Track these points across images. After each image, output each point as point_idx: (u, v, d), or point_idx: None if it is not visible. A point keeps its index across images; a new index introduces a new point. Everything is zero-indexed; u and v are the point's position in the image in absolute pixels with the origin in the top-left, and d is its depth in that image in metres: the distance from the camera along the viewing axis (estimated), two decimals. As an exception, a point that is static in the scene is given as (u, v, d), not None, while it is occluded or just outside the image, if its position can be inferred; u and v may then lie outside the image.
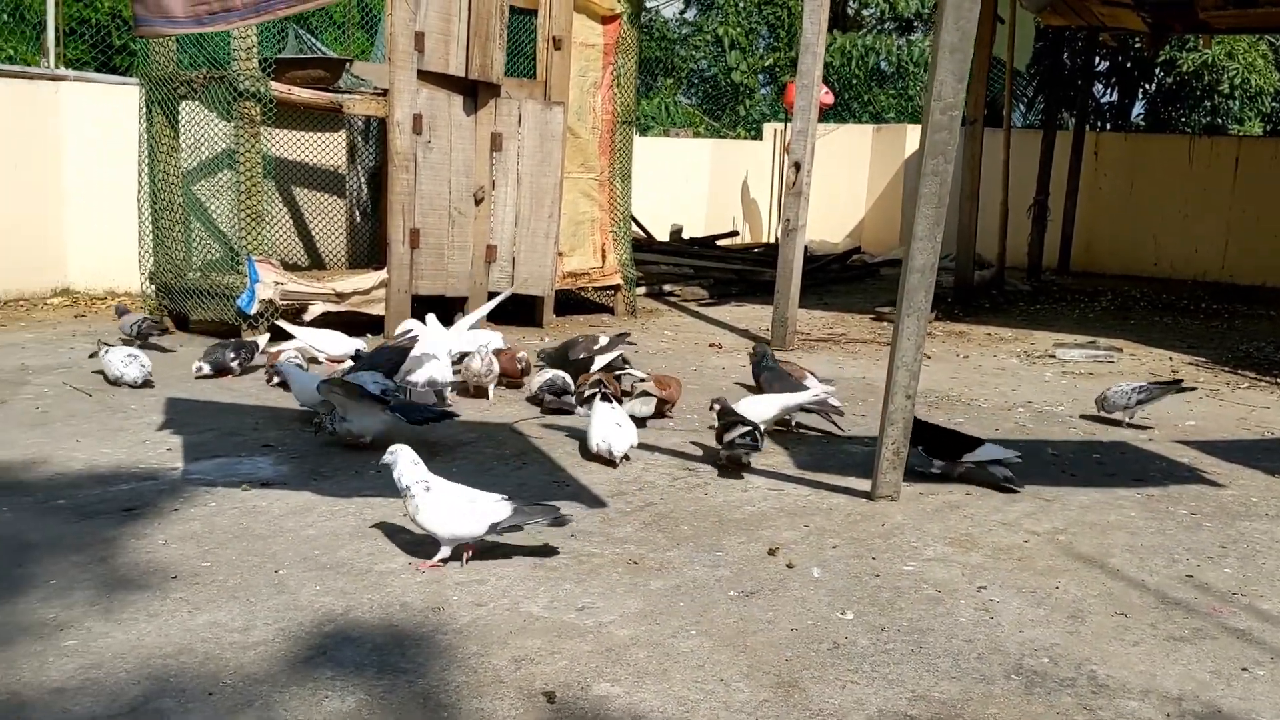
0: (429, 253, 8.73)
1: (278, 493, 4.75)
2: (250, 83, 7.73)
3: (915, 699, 3.18)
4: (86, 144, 9.53)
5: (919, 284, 4.51)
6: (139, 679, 3.08)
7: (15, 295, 9.30)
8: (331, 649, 3.34)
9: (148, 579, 3.77)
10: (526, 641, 3.43)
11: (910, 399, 4.74)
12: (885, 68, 24.45)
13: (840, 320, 10.57)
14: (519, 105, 8.97)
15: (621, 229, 10.22)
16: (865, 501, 4.96)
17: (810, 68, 8.47)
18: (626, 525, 4.52)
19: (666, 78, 23.61)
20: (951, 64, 4.29)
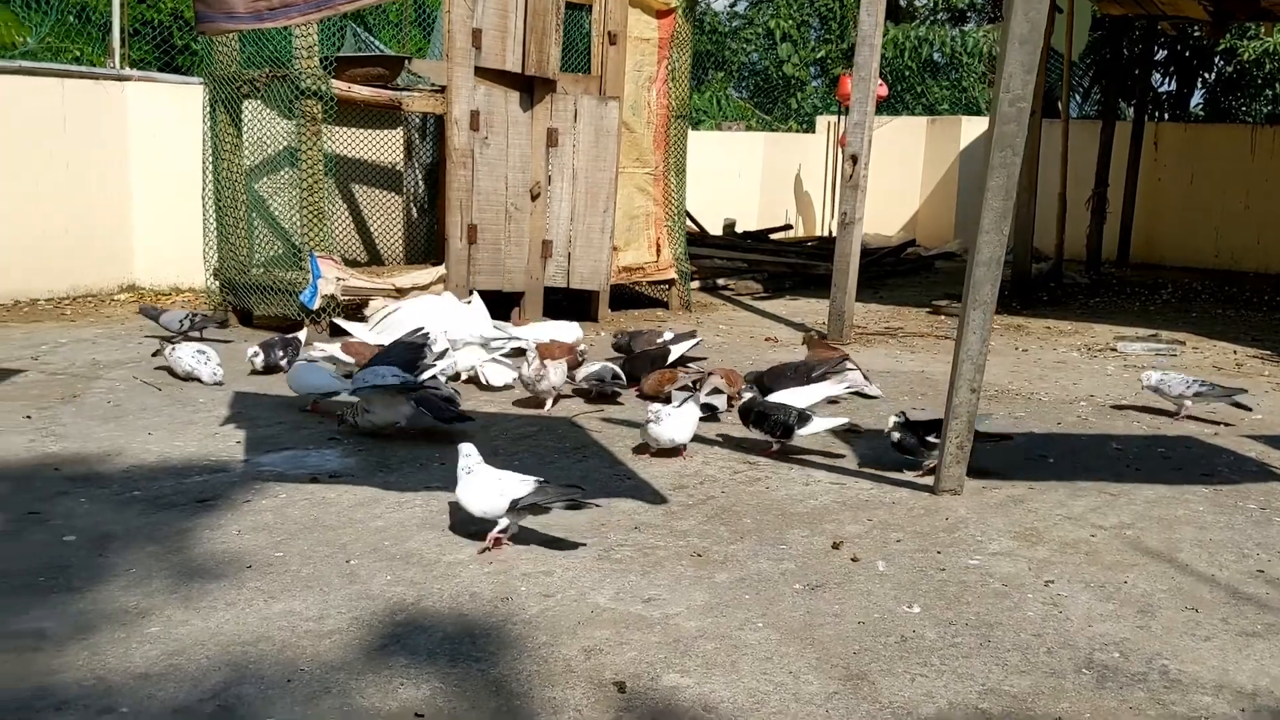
0: (486, 248, 8.80)
1: (345, 485, 4.83)
2: (312, 81, 7.83)
3: (986, 692, 3.17)
4: (151, 142, 9.71)
5: (985, 277, 4.49)
6: (219, 666, 3.16)
7: (84, 291, 9.50)
8: (404, 638, 3.39)
9: (223, 568, 3.85)
10: (595, 632, 3.47)
11: (975, 393, 4.72)
12: (938, 59, 24.23)
13: (896, 314, 10.51)
14: (574, 101, 9.01)
15: (676, 223, 10.23)
16: (928, 495, 4.94)
17: (867, 60, 8.42)
18: (689, 518, 4.55)
19: (718, 71, 23.56)
20: (1021, 55, 4.25)
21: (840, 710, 3.03)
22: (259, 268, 8.62)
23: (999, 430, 5.51)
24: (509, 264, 8.97)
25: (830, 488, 5.03)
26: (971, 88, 23.84)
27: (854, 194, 8.59)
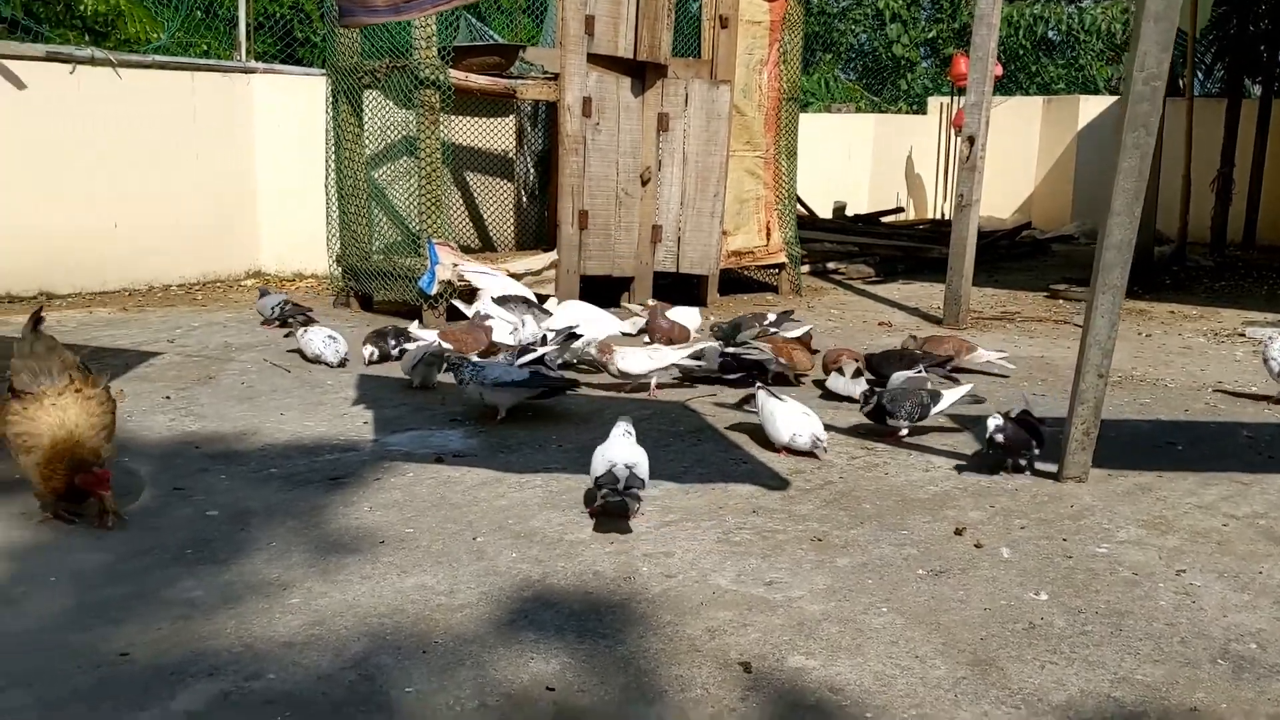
0: (596, 234, 8.88)
1: (468, 465, 4.94)
2: (430, 71, 7.99)
3: (1118, 681, 3.12)
4: (274, 133, 10.03)
5: (1115, 260, 4.39)
6: (358, 636, 3.28)
7: (212, 277, 9.87)
8: (532, 613, 3.48)
9: (358, 543, 3.99)
10: (718, 613, 3.50)
11: (1103, 378, 4.62)
12: (1054, 37, 23.60)
13: (1013, 298, 10.31)
14: (685, 85, 9.03)
15: (787, 207, 10.19)
16: (1051, 482, 4.86)
17: (985, 39, 8.27)
18: (807, 503, 4.55)
19: (825, 53, 23.31)
20: (1156, 33, 4.14)
21: (969, 695, 3.02)
22: (379, 254, 8.84)
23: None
24: (619, 249, 9.04)
25: (950, 474, 4.98)
26: (1089, 66, 23.18)
27: (971, 175, 8.45)
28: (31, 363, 4.13)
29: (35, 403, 4.04)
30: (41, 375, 4.12)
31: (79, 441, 4.01)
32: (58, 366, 4.15)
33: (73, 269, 8.99)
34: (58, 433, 3.98)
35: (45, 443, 3.97)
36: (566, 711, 2.90)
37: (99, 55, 9.02)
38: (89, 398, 4.15)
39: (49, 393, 4.08)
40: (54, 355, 4.18)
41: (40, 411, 4.02)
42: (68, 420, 4.03)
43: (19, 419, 4.02)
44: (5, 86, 8.44)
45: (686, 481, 4.77)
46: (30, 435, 3.98)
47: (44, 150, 8.69)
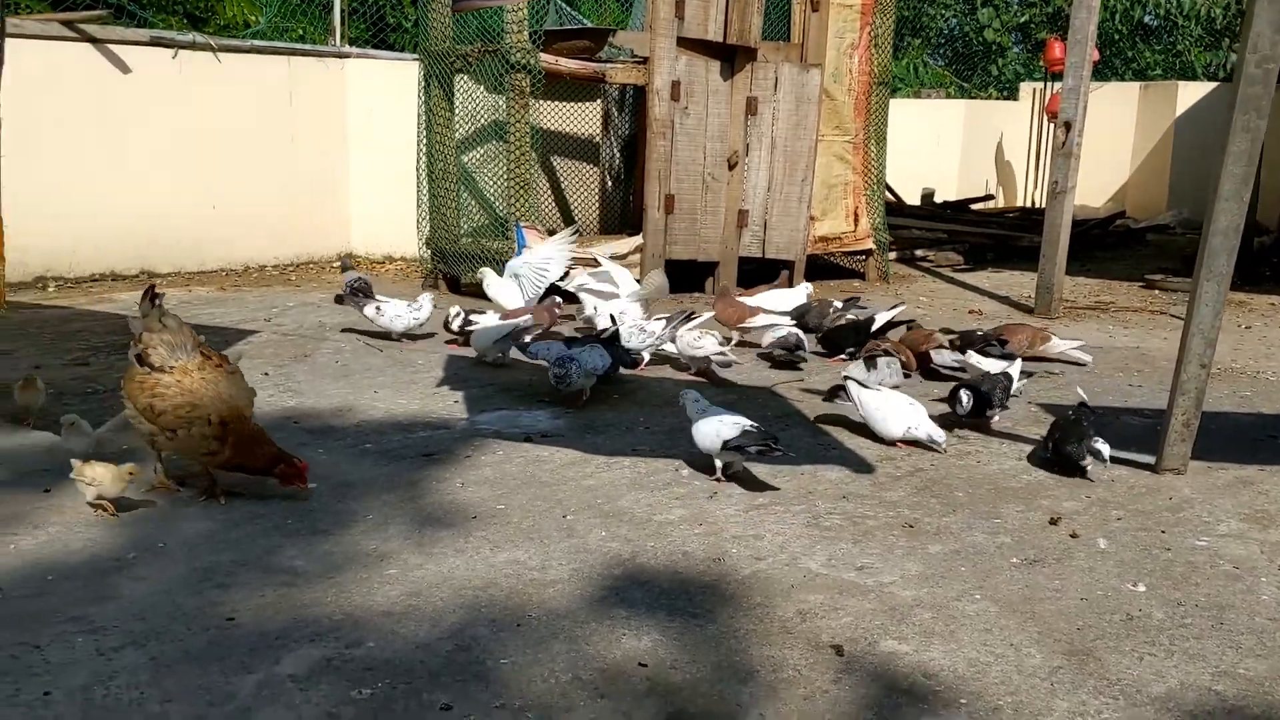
0: (682, 218, 8.88)
1: (556, 445, 5.00)
2: (521, 55, 8.05)
3: (1219, 675, 3.06)
4: (366, 117, 10.20)
5: (1221, 246, 4.27)
6: (455, 608, 3.35)
7: (306, 259, 10.08)
8: (622, 590, 3.51)
9: (451, 518, 4.06)
10: (808, 596, 3.50)
11: (1205, 368, 4.52)
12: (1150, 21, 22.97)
13: (1106, 288, 10.09)
14: (775, 69, 8.97)
15: (875, 193, 10.09)
16: (1148, 474, 4.77)
17: (1084, 23, 8.09)
18: (897, 489, 4.52)
19: (914, 38, 22.96)
20: (1270, 13, 4.01)
21: (1066, 684, 2.98)
22: (467, 237, 8.95)
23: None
24: (704, 234, 9.03)
25: (1044, 463, 4.90)
26: (1187, 52, 22.52)
27: (1066, 162, 8.28)
28: (167, 336, 4.14)
29: (186, 376, 4.07)
30: (178, 350, 4.14)
31: (241, 414, 4.08)
32: (191, 342, 4.19)
33: (172, 249, 9.25)
34: (220, 406, 4.04)
35: (210, 414, 4.01)
36: (659, 687, 2.93)
37: (200, 40, 9.26)
38: (232, 372, 4.22)
39: (190, 367, 4.10)
40: (184, 330, 4.20)
41: (197, 384, 4.06)
42: (222, 392, 4.08)
43: (173, 391, 4.04)
44: (111, 71, 8.70)
45: (774, 465, 4.76)
46: (193, 407, 4.01)
47: (147, 133, 8.95)
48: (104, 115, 8.70)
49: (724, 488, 4.46)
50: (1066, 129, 8.21)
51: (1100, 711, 2.86)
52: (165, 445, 4.17)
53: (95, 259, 8.85)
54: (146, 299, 4.29)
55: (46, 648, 3.04)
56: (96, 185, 8.73)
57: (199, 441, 4.05)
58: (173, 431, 4.06)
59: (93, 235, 8.78)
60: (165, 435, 4.08)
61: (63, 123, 8.49)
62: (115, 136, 8.79)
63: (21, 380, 5.01)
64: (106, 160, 8.76)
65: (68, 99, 8.49)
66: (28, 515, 3.96)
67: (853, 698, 2.91)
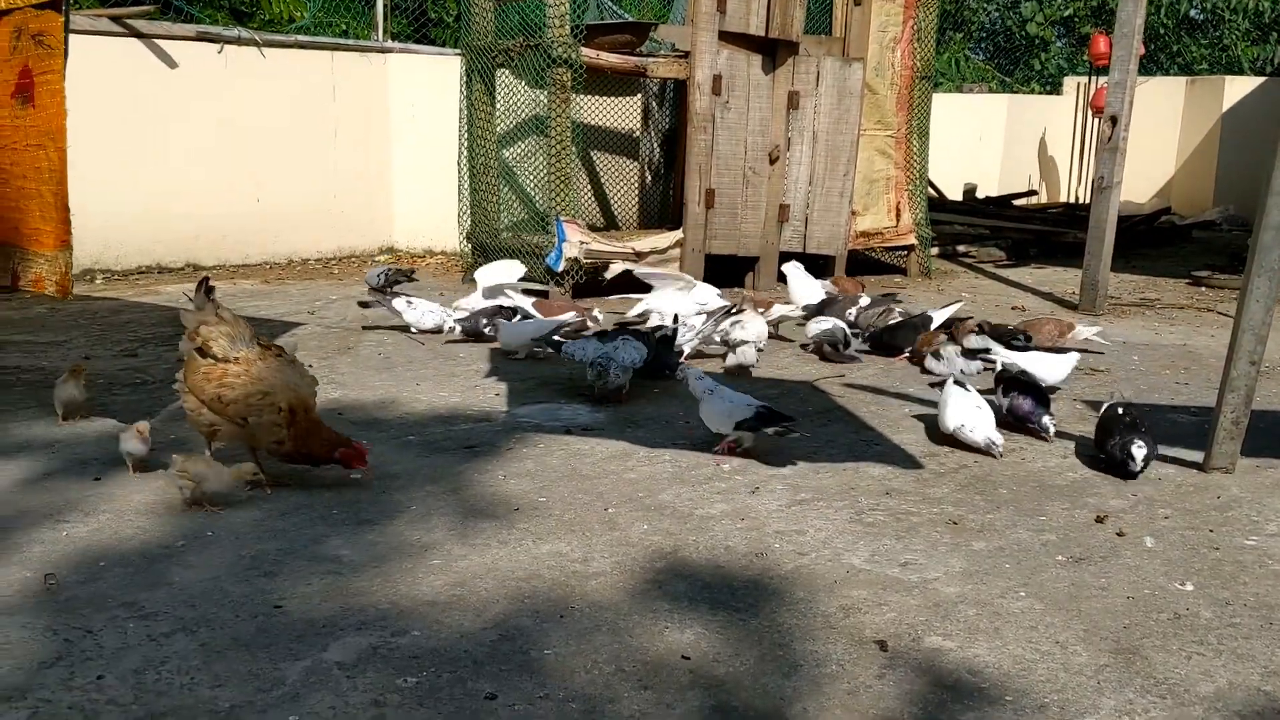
0: (723, 213, 8.87)
1: (597, 438, 5.01)
2: (563, 49, 8.07)
3: (1269, 674, 3.02)
4: (408, 111, 10.28)
5: (1273, 241, 4.21)
6: (498, 598, 3.37)
7: (348, 252, 10.17)
8: (665, 584, 3.51)
9: (494, 509, 4.08)
10: (852, 592, 3.49)
11: (1255, 365, 4.45)
12: (1197, 15, 22.67)
13: (1152, 284, 9.97)
14: (817, 63, 8.94)
15: (917, 188, 10.02)
16: (1196, 472, 4.71)
17: (1130, 15, 7.98)
18: (942, 486, 4.50)
19: (956, 32, 22.77)
20: (1326, 3, 3.96)
21: (1112, 682, 2.95)
22: (507, 231, 8.99)
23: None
24: (745, 229, 9.02)
25: (1090, 461, 4.86)
26: (1234, 46, 22.20)
27: (1112, 157, 8.18)
28: (226, 328, 4.17)
29: (252, 365, 4.11)
30: (238, 341, 4.17)
31: (306, 403, 4.11)
32: (249, 333, 4.22)
33: (217, 242, 9.36)
34: (288, 393, 4.08)
35: (279, 401, 4.05)
36: (703, 680, 2.93)
37: (245, 35, 9.35)
38: (291, 361, 4.26)
39: (253, 357, 4.14)
40: (240, 322, 4.24)
41: (264, 372, 4.10)
42: (289, 380, 4.13)
43: (242, 380, 4.07)
44: (158, 65, 8.82)
45: (817, 461, 4.75)
46: (264, 395, 4.05)
47: (192, 127, 9.06)
48: (150, 109, 8.82)
49: (767, 483, 4.46)
50: (1112, 124, 8.11)
51: (1147, 710, 2.83)
52: (230, 436, 4.20)
53: (141, 252, 8.97)
54: (200, 291, 4.30)
55: (99, 632, 3.09)
56: (142, 179, 8.85)
57: (269, 429, 4.08)
58: (242, 420, 4.09)
59: (139, 229, 8.90)
60: (235, 424, 4.11)
61: (110, 117, 8.60)
62: (161, 131, 8.91)
63: (66, 373, 5.01)
64: (152, 154, 8.88)
65: (114, 93, 8.61)
66: (79, 503, 4.03)
67: (897, 693, 2.90)
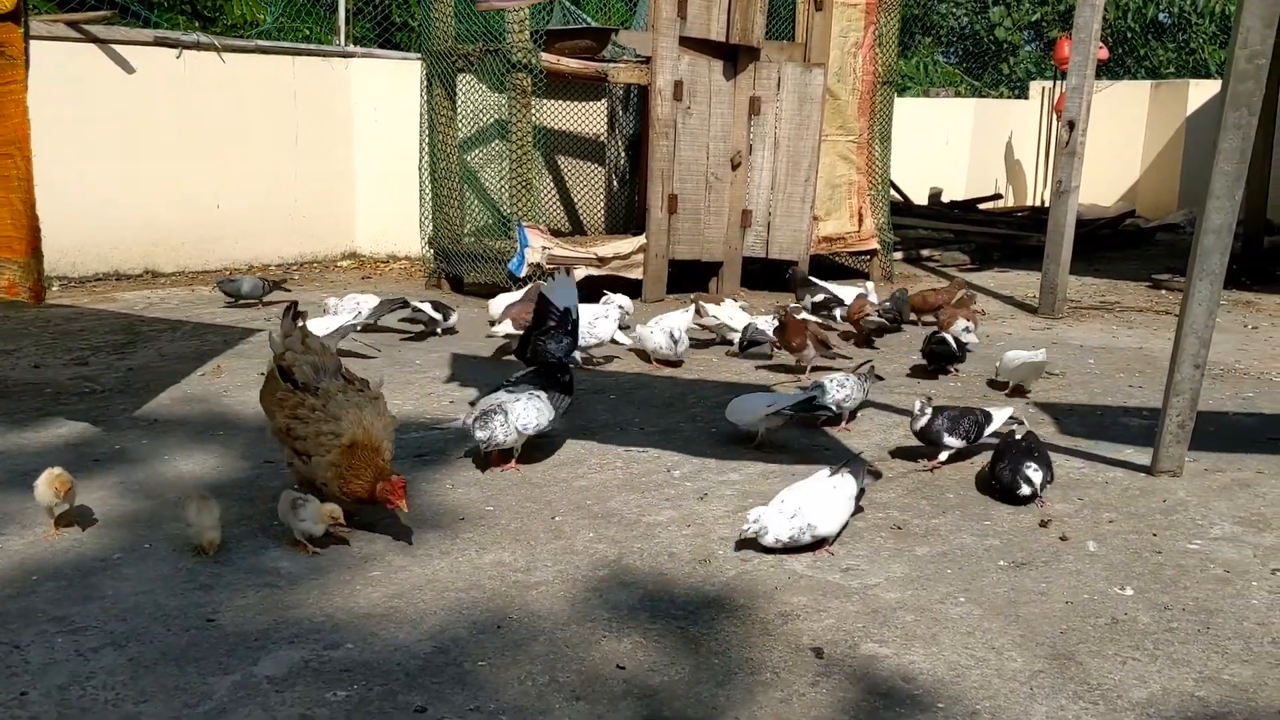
0: (686, 218, 8.87)
1: (549, 445, 4.99)
2: (523, 54, 8.05)
3: (1203, 680, 3.03)
4: (371, 116, 10.21)
5: (1214, 245, 4.23)
6: (436, 610, 3.34)
7: (310, 258, 10.11)
8: (606, 592, 3.50)
9: (439, 519, 4.06)
10: (792, 598, 3.49)
11: (1199, 369, 4.47)
12: (1165, 19, 22.83)
13: (1113, 288, 10.03)
14: (778, 69, 8.95)
15: (879, 192, 10.05)
16: (1144, 476, 4.73)
17: (1088, 20, 8.03)
18: (889, 490, 4.50)
19: (925, 36, 22.87)
20: (1260, 8, 3.97)
21: (1045, 688, 2.96)
22: (470, 237, 8.95)
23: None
24: (708, 234, 9.01)
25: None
26: (1201, 50, 22.39)
27: (1070, 161, 8.23)
28: (312, 358, 3.96)
29: (330, 400, 3.85)
30: (323, 372, 3.95)
31: (377, 447, 3.81)
32: (334, 365, 4.01)
33: (177, 248, 9.29)
34: (357, 433, 3.78)
35: (344, 442, 3.77)
36: (636, 689, 2.92)
37: (204, 40, 9.29)
38: (375, 398, 3.98)
39: (334, 390, 3.89)
40: (327, 352, 4.04)
41: (342, 410, 3.82)
42: (364, 420, 3.82)
43: (320, 415, 3.82)
44: (116, 70, 8.74)
45: (768, 464, 4.74)
46: (335, 435, 3.78)
47: (151, 132, 8.98)
48: (108, 115, 8.74)
49: (716, 489, 4.45)
50: (1070, 128, 8.16)
51: (1079, 717, 2.84)
52: (298, 471, 3.97)
53: (99, 259, 8.89)
54: (288, 317, 4.09)
55: (26, 648, 3.05)
56: (101, 185, 8.76)
57: (327, 469, 3.79)
58: (307, 457, 3.85)
59: (96, 235, 8.81)
60: (300, 460, 3.89)
61: (66, 123, 8.50)
62: (119, 136, 8.83)
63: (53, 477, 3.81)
64: (111, 160, 8.80)
65: (71, 99, 8.52)
66: (16, 515, 3.98)
67: (829, 701, 2.89)
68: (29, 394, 5.61)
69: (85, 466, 4.50)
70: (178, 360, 6.40)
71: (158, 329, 7.23)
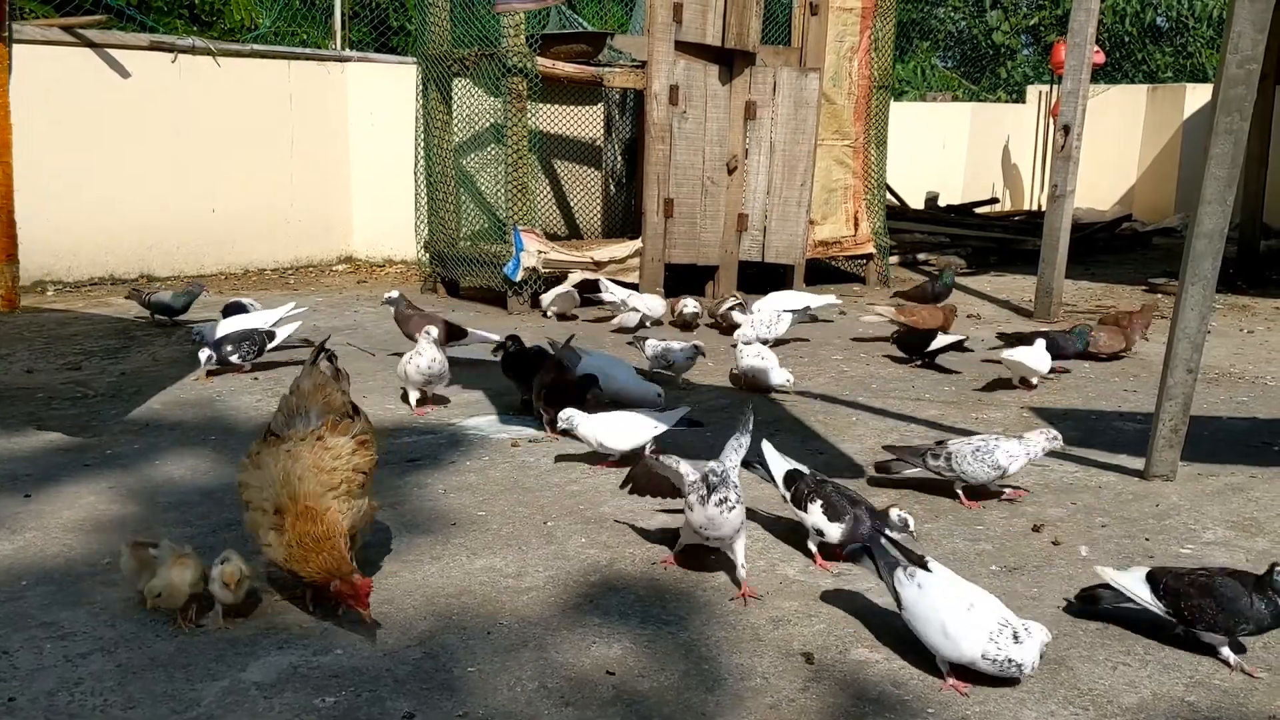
0: (682, 222, 8.86)
1: (543, 449, 4.99)
2: (518, 58, 8.05)
3: (1194, 685, 3.02)
4: (367, 120, 10.22)
5: (1206, 250, 4.23)
6: (426, 615, 3.33)
7: (305, 262, 10.10)
8: (598, 598, 3.49)
9: (431, 524, 4.05)
10: (783, 603, 3.48)
11: (1192, 373, 4.47)
12: (1162, 23, 22.87)
13: (1109, 291, 10.03)
14: (774, 73, 8.95)
15: (875, 197, 10.05)
16: (1138, 480, 4.72)
17: (1083, 25, 8.04)
18: (884, 495, 4.49)
19: (922, 41, 22.90)
20: (1251, 13, 3.98)
21: (1035, 694, 2.95)
22: (466, 241, 8.95)
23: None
24: (704, 238, 9.01)
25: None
26: (1198, 54, 22.43)
27: (1066, 165, 8.23)
28: (292, 400, 3.49)
29: (269, 449, 3.33)
30: (298, 416, 3.44)
31: (313, 507, 3.17)
32: (318, 408, 3.45)
33: (172, 252, 9.28)
34: (280, 493, 3.20)
35: (269, 507, 3.22)
36: (625, 695, 2.91)
37: (199, 44, 9.29)
38: (327, 447, 3.32)
39: (295, 436, 3.36)
40: (318, 394, 3.49)
41: (270, 458, 3.28)
42: (292, 474, 3.22)
43: (248, 462, 3.37)
44: (111, 75, 8.74)
45: (760, 470, 4.73)
46: (258, 489, 3.28)
47: (146, 137, 8.98)
48: (103, 119, 8.74)
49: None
50: (1065, 132, 8.16)
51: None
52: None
53: (93, 263, 8.88)
54: (314, 354, 3.65)
55: (15, 653, 3.04)
56: (95, 189, 8.76)
57: (254, 529, 3.30)
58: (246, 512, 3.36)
59: (92, 239, 8.81)
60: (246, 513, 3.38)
61: (62, 127, 8.52)
62: (115, 140, 8.82)
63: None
64: (106, 164, 8.80)
65: (67, 103, 8.53)
66: (6, 520, 3.97)
67: (819, 707, 2.88)
68: (21, 399, 5.60)
69: (76, 471, 4.51)
70: (170, 365, 6.39)
71: (151, 333, 7.22)
